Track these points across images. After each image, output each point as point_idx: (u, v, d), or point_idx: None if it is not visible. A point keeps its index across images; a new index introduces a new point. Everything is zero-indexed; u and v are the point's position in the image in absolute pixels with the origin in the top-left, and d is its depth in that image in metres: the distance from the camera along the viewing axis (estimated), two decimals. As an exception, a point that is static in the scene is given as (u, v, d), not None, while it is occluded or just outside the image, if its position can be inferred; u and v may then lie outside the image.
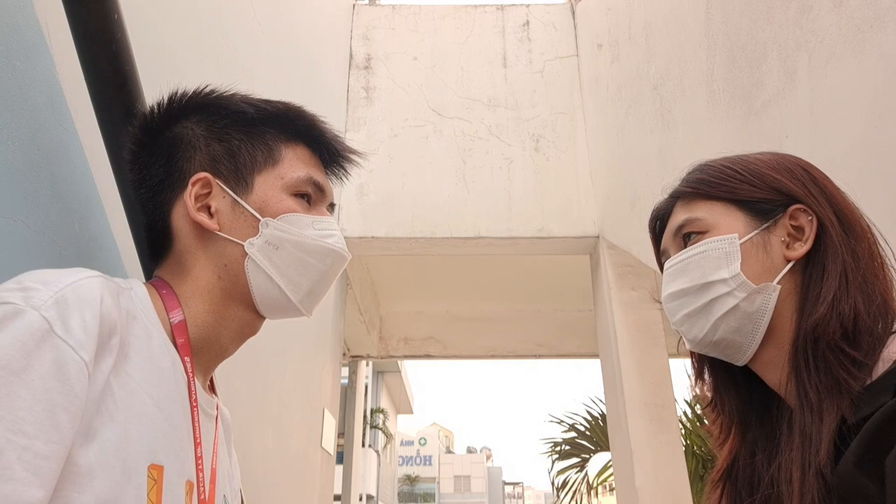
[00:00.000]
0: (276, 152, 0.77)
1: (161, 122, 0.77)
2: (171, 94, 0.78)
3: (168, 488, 0.62)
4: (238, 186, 0.75)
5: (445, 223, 3.54)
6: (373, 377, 15.58)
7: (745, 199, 0.77)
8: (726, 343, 0.77)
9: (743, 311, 0.74)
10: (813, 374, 0.68)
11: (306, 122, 0.80)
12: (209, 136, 0.76)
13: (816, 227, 0.74)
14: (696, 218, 0.79)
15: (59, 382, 0.52)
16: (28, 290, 0.55)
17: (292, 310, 0.77)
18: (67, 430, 0.52)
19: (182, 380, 0.68)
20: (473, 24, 4.13)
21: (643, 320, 3.25)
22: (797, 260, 0.74)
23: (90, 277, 0.60)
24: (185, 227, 0.74)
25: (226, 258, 0.73)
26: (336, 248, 0.77)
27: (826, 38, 1.53)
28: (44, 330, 0.53)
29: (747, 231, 0.76)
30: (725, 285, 0.75)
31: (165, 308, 0.70)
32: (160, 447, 0.62)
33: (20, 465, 0.49)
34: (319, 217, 0.77)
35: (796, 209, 0.75)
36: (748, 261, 0.75)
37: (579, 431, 6.79)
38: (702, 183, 0.81)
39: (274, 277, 0.73)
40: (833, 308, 0.68)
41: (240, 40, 1.93)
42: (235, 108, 0.77)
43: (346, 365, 5.55)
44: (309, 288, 0.76)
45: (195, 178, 0.74)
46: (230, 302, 0.74)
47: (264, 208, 0.74)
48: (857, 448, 0.59)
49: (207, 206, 0.74)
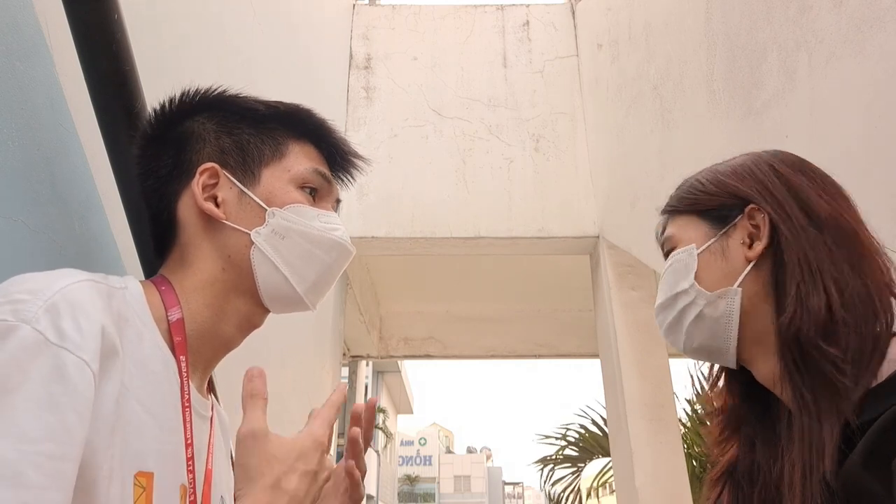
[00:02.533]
0: (283, 147, 0.78)
1: (173, 116, 0.78)
2: (185, 90, 0.79)
3: (159, 494, 0.61)
4: (245, 178, 0.75)
5: (445, 223, 3.54)
6: (373, 377, 15.59)
7: (705, 209, 0.80)
8: (706, 349, 0.79)
9: (710, 318, 0.76)
10: (805, 375, 0.68)
11: (315, 122, 0.81)
12: (219, 130, 0.77)
13: (769, 224, 0.74)
14: (670, 234, 0.84)
15: (62, 385, 0.52)
16: (16, 304, 0.54)
17: (297, 301, 0.77)
18: (78, 431, 0.52)
19: (175, 381, 0.67)
20: (473, 24, 4.13)
21: (643, 320, 3.25)
22: (757, 259, 0.74)
23: (79, 282, 0.59)
24: (191, 217, 0.74)
25: (230, 248, 0.73)
26: (342, 241, 0.78)
27: (826, 38, 1.53)
28: (38, 342, 0.52)
29: (706, 240, 0.79)
30: (687, 295, 0.78)
31: (164, 305, 0.69)
32: (150, 453, 0.61)
33: (34, 470, 0.48)
34: (324, 211, 0.78)
35: (752, 209, 0.76)
36: (706, 269, 0.77)
37: (571, 443, 6.82)
38: (677, 200, 0.85)
39: (280, 267, 0.73)
40: (800, 303, 0.68)
41: (240, 40, 1.93)
42: (246, 105, 0.78)
43: (346, 365, 5.55)
44: (314, 280, 0.77)
45: (203, 168, 0.74)
46: (233, 295, 0.74)
47: (271, 199, 0.75)
48: (864, 449, 0.59)
49: (214, 196, 0.74)
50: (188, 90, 0.79)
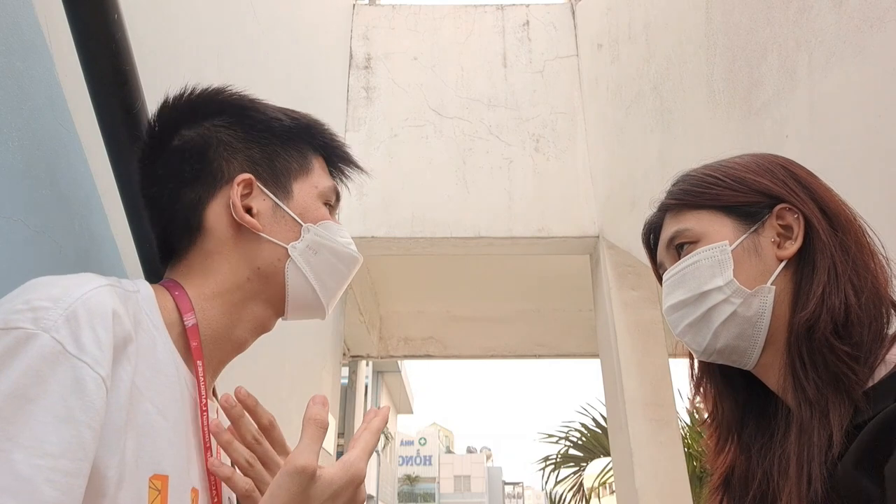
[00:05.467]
0: (308, 162, 0.80)
1: (187, 114, 0.77)
2: (204, 88, 0.78)
3: (174, 497, 0.61)
4: (279, 191, 0.76)
5: (445, 223, 3.54)
6: (373, 377, 15.58)
7: (731, 205, 0.78)
8: (731, 349, 0.77)
9: (742, 317, 0.74)
10: (810, 370, 0.68)
11: (329, 136, 0.83)
12: (248, 139, 0.77)
13: (804, 224, 0.74)
14: (685, 228, 0.80)
15: (80, 399, 0.52)
16: (37, 311, 0.54)
17: (319, 311, 0.80)
18: (91, 447, 0.52)
19: (187, 386, 0.68)
20: (473, 24, 4.13)
21: (643, 320, 3.25)
22: (789, 259, 0.74)
23: (99, 287, 0.59)
24: (221, 225, 0.74)
25: (261, 260, 0.74)
26: (358, 256, 0.83)
27: (826, 38, 1.53)
28: (57, 352, 0.52)
29: (736, 236, 0.77)
30: (721, 293, 0.75)
31: (179, 310, 0.69)
32: (165, 456, 0.61)
33: (49, 486, 0.48)
34: (341, 226, 0.82)
35: (782, 209, 0.76)
36: (741, 266, 0.75)
37: (572, 442, 6.80)
38: (686, 193, 0.82)
39: (311, 280, 0.76)
40: (822, 303, 0.69)
41: (240, 40, 1.93)
42: (271, 115, 0.79)
43: (346, 365, 5.55)
44: (335, 291, 0.81)
45: (240, 179, 0.74)
46: (252, 302, 0.75)
47: (305, 214, 0.77)
48: (857, 450, 0.59)
49: (248, 207, 0.75)
50: (205, 89, 0.78)
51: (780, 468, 0.68)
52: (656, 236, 0.88)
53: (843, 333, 0.67)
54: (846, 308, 0.68)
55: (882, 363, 0.65)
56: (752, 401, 0.81)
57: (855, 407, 0.63)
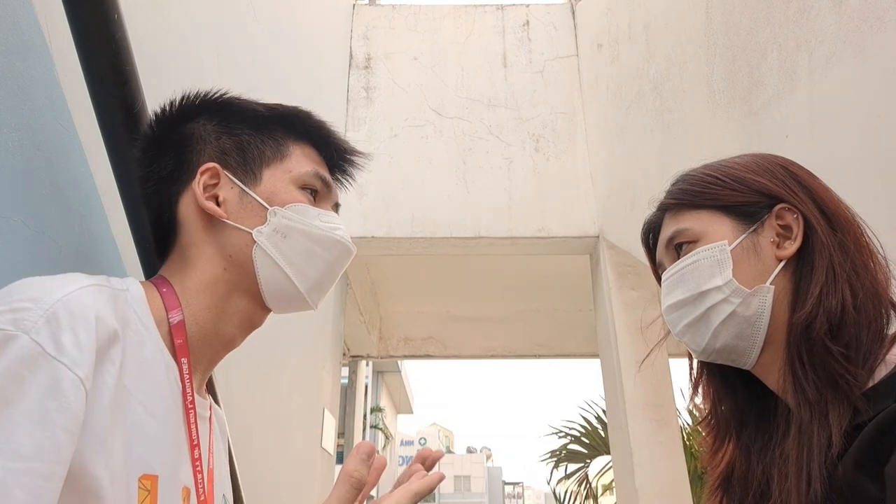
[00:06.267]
0: (284, 148, 0.79)
1: (174, 119, 0.79)
2: (185, 93, 0.79)
3: (163, 496, 0.61)
4: (247, 178, 0.76)
5: (445, 223, 3.54)
6: (373, 377, 15.58)
7: (730, 205, 0.78)
8: (730, 349, 0.77)
9: (741, 316, 0.74)
10: (809, 371, 0.68)
11: (315, 123, 0.82)
12: (220, 131, 0.78)
13: (803, 224, 0.74)
14: (684, 228, 0.80)
15: (57, 401, 0.52)
16: (17, 312, 0.53)
17: (299, 300, 0.77)
18: (66, 449, 0.52)
19: (176, 384, 0.67)
20: (473, 24, 4.13)
21: (643, 320, 3.25)
22: (788, 259, 0.74)
23: (82, 288, 0.58)
24: (192, 217, 0.75)
25: (231, 248, 0.74)
26: (342, 240, 0.78)
27: (826, 38, 1.53)
28: (36, 354, 0.52)
29: (736, 236, 0.77)
30: (720, 293, 0.75)
31: (165, 307, 0.69)
32: (154, 456, 0.61)
33: (20, 489, 0.48)
34: (325, 211, 0.79)
35: (781, 208, 0.76)
36: (740, 265, 0.75)
37: (576, 438, 6.79)
38: (685, 193, 0.82)
39: (282, 265, 0.74)
40: (820, 303, 0.69)
41: (240, 40, 1.93)
42: (247, 107, 0.79)
43: (346, 365, 5.55)
44: (316, 279, 0.77)
45: (204, 168, 0.75)
46: (234, 295, 0.74)
47: (272, 198, 0.75)
48: (857, 450, 0.59)
49: (215, 195, 0.75)
50: (189, 93, 0.79)
51: (779, 468, 0.68)
52: (655, 236, 0.88)
53: (837, 334, 0.67)
54: (843, 308, 0.68)
55: (882, 363, 0.65)
56: (752, 401, 0.81)
57: (854, 408, 0.63)
